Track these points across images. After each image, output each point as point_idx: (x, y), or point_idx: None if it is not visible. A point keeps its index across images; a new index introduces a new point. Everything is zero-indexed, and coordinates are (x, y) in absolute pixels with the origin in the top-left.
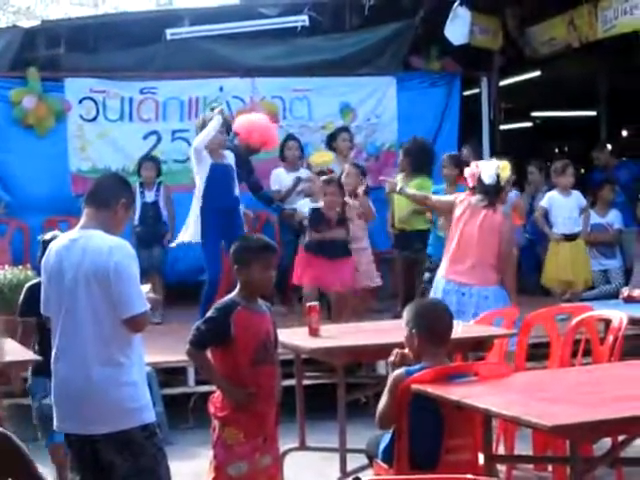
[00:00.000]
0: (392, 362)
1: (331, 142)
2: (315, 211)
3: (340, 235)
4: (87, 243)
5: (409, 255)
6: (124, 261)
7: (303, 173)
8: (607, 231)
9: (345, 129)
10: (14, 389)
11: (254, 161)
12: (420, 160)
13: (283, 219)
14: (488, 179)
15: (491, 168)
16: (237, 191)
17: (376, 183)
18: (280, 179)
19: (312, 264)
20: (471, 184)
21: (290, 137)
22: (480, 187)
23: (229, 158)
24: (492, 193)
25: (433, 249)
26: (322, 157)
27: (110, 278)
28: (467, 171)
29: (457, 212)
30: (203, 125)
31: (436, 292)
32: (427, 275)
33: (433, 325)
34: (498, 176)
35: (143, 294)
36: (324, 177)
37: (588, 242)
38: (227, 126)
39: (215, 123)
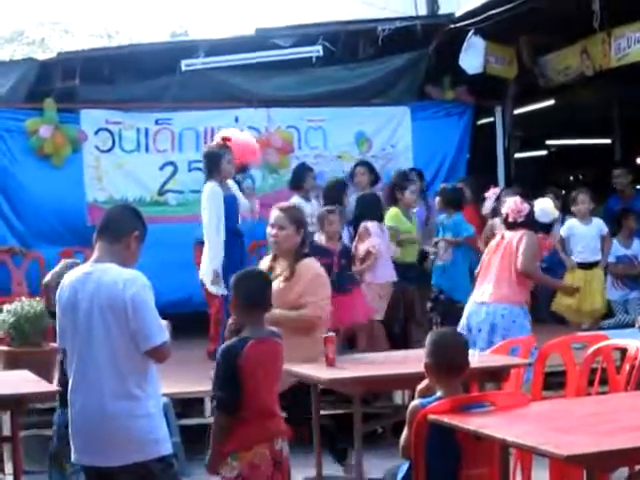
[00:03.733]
0: (419, 391)
1: (352, 178)
2: (312, 245)
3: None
4: (101, 276)
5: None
6: (140, 293)
7: (314, 204)
8: (633, 263)
9: (363, 163)
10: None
11: (266, 190)
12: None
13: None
14: (542, 217)
15: (546, 207)
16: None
17: None
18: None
19: None
20: (512, 219)
21: (306, 167)
22: (528, 223)
23: (233, 189)
24: (535, 228)
25: (436, 278)
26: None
27: (128, 311)
28: (509, 205)
29: (491, 244)
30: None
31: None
32: (429, 305)
33: (448, 356)
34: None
35: (162, 324)
36: (327, 207)
37: (614, 273)
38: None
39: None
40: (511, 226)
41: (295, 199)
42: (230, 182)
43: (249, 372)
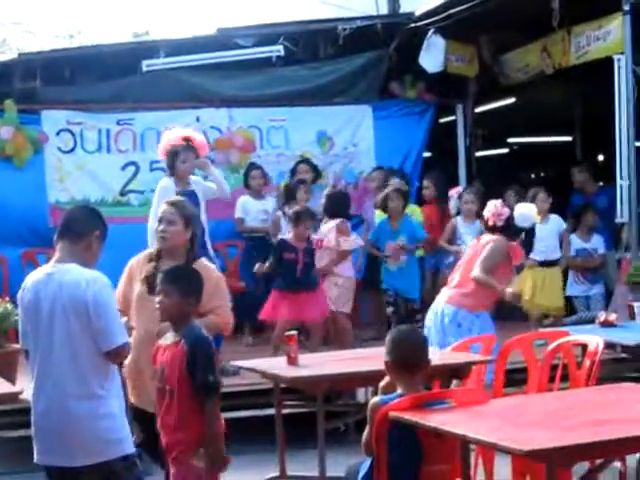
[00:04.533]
0: (381, 387)
1: (293, 174)
2: (281, 241)
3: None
4: (63, 277)
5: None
6: (102, 293)
7: (270, 201)
8: (592, 256)
9: (305, 160)
10: None
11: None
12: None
13: (249, 248)
14: (522, 222)
15: (526, 212)
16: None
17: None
18: (246, 207)
19: (285, 299)
20: (492, 222)
21: (253, 166)
22: (506, 228)
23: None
24: (513, 233)
25: (387, 283)
26: None
27: (89, 312)
28: (489, 209)
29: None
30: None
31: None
32: (390, 310)
33: (407, 353)
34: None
35: (123, 325)
36: (296, 208)
37: (573, 267)
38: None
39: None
40: (491, 230)
41: (244, 197)
42: (195, 178)
43: None
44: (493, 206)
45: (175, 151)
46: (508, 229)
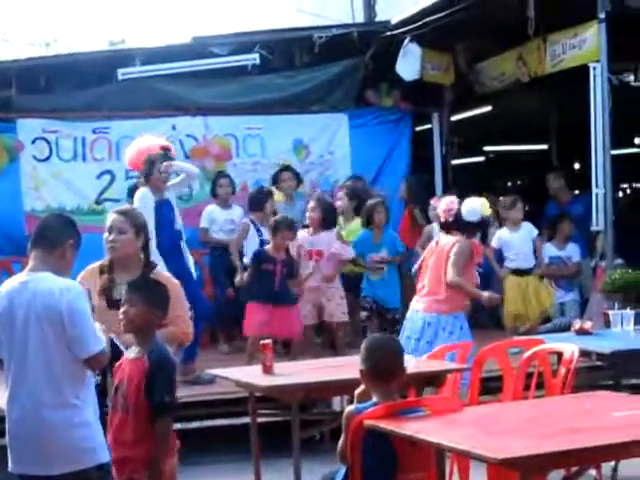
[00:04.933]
0: (357, 395)
1: (276, 182)
2: (259, 250)
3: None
4: (37, 286)
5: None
6: (76, 302)
7: (237, 210)
8: (566, 264)
9: (287, 168)
10: None
11: (189, 203)
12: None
13: (215, 258)
14: (469, 216)
15: (473, 205)
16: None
17: None
18: (213, 217)
19: (261, 312)
20: (443, 219)
21: (221, 175)
22: (456, 223)
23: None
24: (468, 230)
25: (367, 291)
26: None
27: (64, 320)
28: (441, 206)
29: (429, 248)
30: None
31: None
32: (364, 314)
33: (382, 361)
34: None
35: (98, 332)
36: (276, 217)
37: (547, 275)
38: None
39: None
40: (445, 228)
41: (210, 206)
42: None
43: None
44: (444, 202)
45: (152, 160)
46: (465, 227)
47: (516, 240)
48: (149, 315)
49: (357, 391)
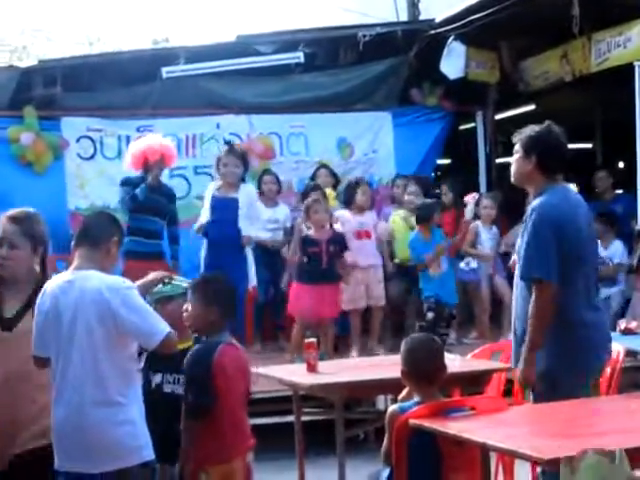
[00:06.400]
0: (400, 400)
1: (313, 179)
2: (302, 237)
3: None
4: (84, 284)
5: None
6: (127, 297)
7: (283, 209)
8: (607, 265)
9: (324, 166)
10: None
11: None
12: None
13: (255, 258)
14: None
15: None
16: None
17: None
18: (259, 214)
19: (306, 294)
20: None
21: (267, 172)
22: None
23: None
24: None
25: (429, 291)
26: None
27: (115, 318)
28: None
29: None
30: None
31: None
32: (431, 315)
33: (423, 361)
34: None
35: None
36: (310, 198)
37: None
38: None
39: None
40: None
41: (258, 204)
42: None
43: (223, 376)
44: None
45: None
46: None
47: None
48: (204, 312)
49: (400, 396)
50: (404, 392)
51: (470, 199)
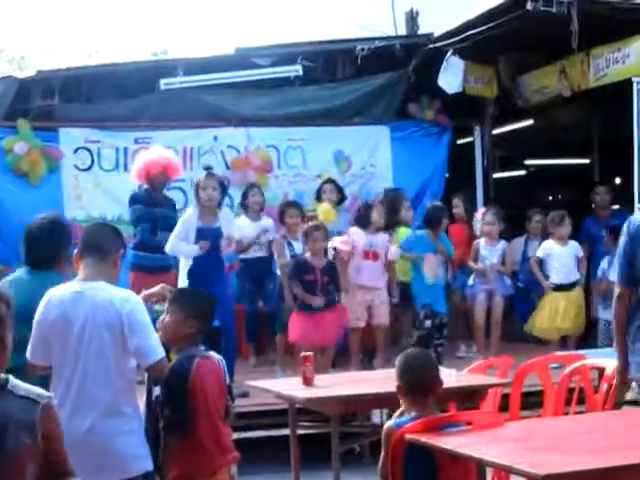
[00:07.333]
0: (395, 417)
1: (319, 195)
2: (298, 260)
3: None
4: (95, 295)
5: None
6: (136, 312)
7: (265, 222)
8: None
9: (330, 180)
10: None
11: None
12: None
13: (244, 269)
14: None
15: None
16: None
17: None
18: (242, 228)
19: (305, 322)
20: None
21: (252, 185)
22: None
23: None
24: None
25: (424, 298)
26: (328, 215)
27: (124, 330)
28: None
29: None
30: None
31: None
32: (428, 322)
33: (416, 377)
34: None
35: (159, 340)
36: (311, 223)
37: (598, 290)
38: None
39: (190, 250)
40: None
41: (239, 219)
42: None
43: (201, 391)
44: None
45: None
46: None
47: (564, 253)
48: (181, 324)
49: (395, 414)
50: (398, 411)
51: (479, 214)
